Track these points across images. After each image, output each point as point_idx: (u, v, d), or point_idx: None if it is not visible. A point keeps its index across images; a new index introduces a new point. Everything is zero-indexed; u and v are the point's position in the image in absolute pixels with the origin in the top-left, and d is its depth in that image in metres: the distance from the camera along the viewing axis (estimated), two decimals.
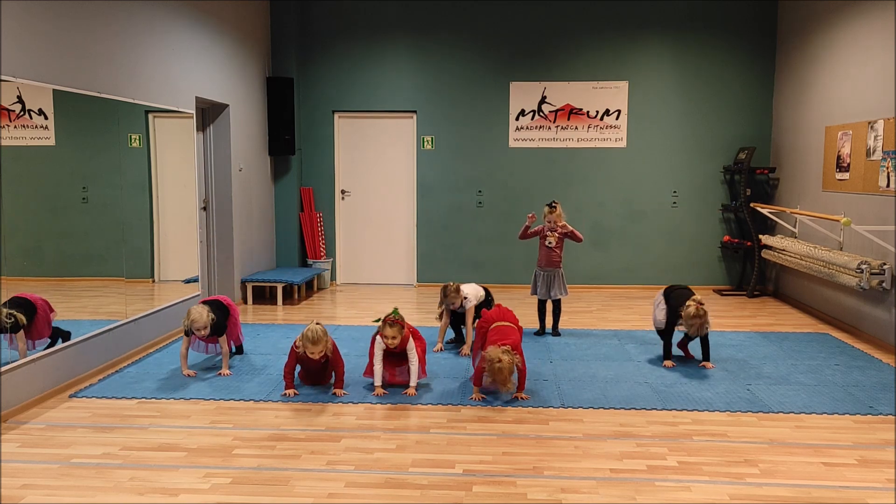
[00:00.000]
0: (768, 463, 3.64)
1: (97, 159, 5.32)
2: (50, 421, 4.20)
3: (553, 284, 6.16)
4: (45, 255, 4.79)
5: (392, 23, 8.50)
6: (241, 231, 7.55)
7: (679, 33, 8.33)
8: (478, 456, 3.72)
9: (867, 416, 4.30)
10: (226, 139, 7.25)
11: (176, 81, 6.21)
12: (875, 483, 3.43)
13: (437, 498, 3.27)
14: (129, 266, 5.62)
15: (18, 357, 4.36)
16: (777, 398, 4.60)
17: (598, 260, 8.63)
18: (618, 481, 3.44)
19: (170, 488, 3.34)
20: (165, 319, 6.05)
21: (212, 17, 6.89)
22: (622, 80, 8.43)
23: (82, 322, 5.08)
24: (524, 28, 8.42)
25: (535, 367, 5.18)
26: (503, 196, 8.61)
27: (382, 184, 8.86)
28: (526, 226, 6.18)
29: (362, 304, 7.74)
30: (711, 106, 8.40)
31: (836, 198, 6.68)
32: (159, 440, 3.91)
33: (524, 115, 8.52)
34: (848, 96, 6.59)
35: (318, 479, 3.45)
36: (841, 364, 5.39)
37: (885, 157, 5.85)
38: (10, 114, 4.29)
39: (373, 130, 8.79)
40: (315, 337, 4.48)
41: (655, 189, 8.50)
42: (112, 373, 5.13)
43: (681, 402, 4.54)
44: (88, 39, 4.94)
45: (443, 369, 5.21)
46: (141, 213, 5.89)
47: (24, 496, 3.26)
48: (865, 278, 5.77)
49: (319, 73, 8.60)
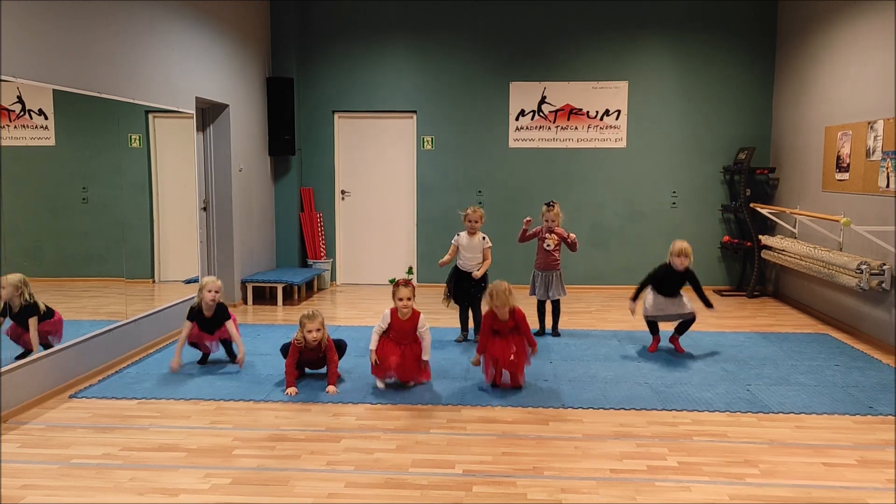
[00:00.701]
0: (768, 463, 3.64)
1: (97, 159, 5.32)
2: (50, 421, 4.20)
3: (551, 285, 6.17)
4: (45, 255, 4.79)
5: (392, 23, 8.50)
6: (241, 231, 7.55)
7: (679, 33, 8.33)
8: (478, 456, 3.72)
9: (867, 416, 4.30)
10: (226, 139, 7.25)
11: (176, 81, 6.21)
12: (875, 483, 3.43)
13: (437, 498, 3.27)
14: (130, 266, 5.62)
15: (24, 349, 4.38)
16: (777, 398, 4.60)
17: (597, 260, 8.63)
18: (618, 481, 3.44)
19: (170, 488, 3.34)
20: (165, 320, 6.05)
21: (212, 17, 6.89)
22: (622, 80, 8.43)
23: (82, 322, 5.08)
24: (524, 28, 8.42)
25: (535, 367, 5.18)
26: (503, 196, 8.61)
27: (382, 184, 8.86)
28: (523, 229, 6.19)
29: (362, 304, 7.74)
30: (711, 106, 8.41)
31: (836, 198, 6.68)
32: (159, 440, 3.91)
33: (524, 115, 8.52)
34: (848, 96, 6.60)
35: (318, 479, 3.45)
36: (841, 364, 5.39)
37: (885, 158, 5.85)
38: (10, 114, 4.29)
39: (373, 130, 8.79)
40: (312, 312, 4.69)
41: (655, 189, 8.50)
42: (112, 373, 5.13)
43: (681, 402, 4.54)
44: (88, 39, 4.94)
45: (442, 369, 5.21)
46: (141, 214, 5.89)
47: (24, 496, 3.26)
48: (865, 279, 5.77)
49: (319, 73, 8.60)
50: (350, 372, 5.13)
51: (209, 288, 5.12)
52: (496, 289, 4.65)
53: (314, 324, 4.66)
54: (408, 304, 4.65)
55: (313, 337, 4.66)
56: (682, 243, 5.61)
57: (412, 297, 4.67)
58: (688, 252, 5.57)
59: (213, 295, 5.11)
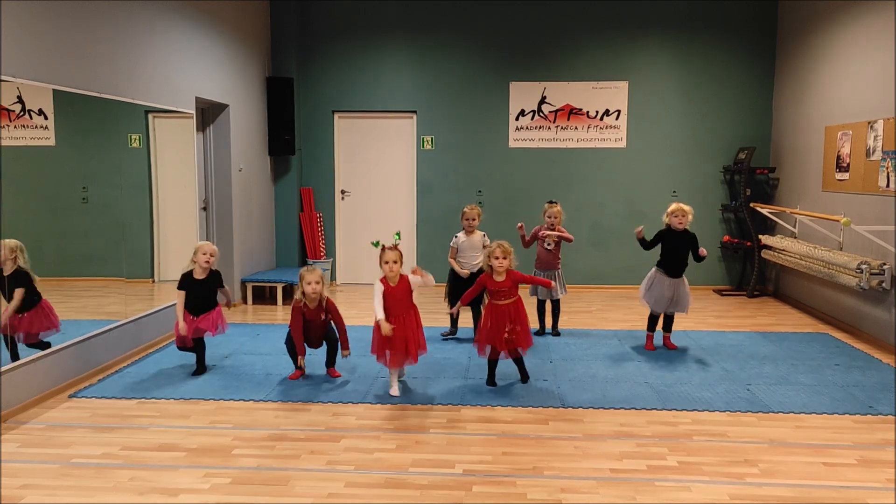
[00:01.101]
0: (768, 463, 3.64)
1: (97, 159, 5.32)
2: (50, 421, 4.20)
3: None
4: (44, 255, 4.79)
5: (392, 23, 8.50)
6: (241, 231, 7.55)
7: (679, 33, 8.33)
8: (478, 456, 3.72)
9: (867, 416, 4.30)
10: (226, 139, 7.25)
11: (176, 81, 6.21)
12: (875, 483, 3.43)
13: (437, 498, 3.27)
14: (129, 266, 5.62)
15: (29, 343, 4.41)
16: (777, 398, 4.60)
17: (597, 260, 8.63)
18: (618, 481, 3.44)
19: (170, 488, 3.34)
20: (165, 319, 6.04)
21: (212, 16, 6.89)
22: (622, 81, 8.43)
23: (82, 322, 5.08)
24: (524, 28, 8.42)
25: (535, 367, 5.18)
26: (503, 196, 8.61)
27: (382, 184, 8.85)
28: (521, 235, 6.16)
29: (362, 304, 7.73)
30: (711, 106, 8.40)
31: (836, 198, 6.68)
32: (159, 440, 3.91)
33: (524, 115, 8.52)
34: (848, 96, 6.60)
35: (318, 479, 3.45)
36: (841, 364, 5.39)
37: (885, 157, 5.85)
38: (10, 114, 4.29)
39: (373, 130, 8.79)
40: (311, 267, 4.76)
41: (655, 189, 8.49)
42: (112, 373, 5.13)
43: (681, 402, 4.54)
44: (88, 39, 4.94)
45: (442, 369, 5.21)
46: (141, 214, 5.90)
47: (23, 496, 3.26)
48: (865, 278, 5.77)
49: (319, 73, 8.60)
50: (352, 371, 5.13)
51: (204, 251, 4.98)
52: (496, 242, 4.72)
53: (314, 275, 4.68)
54: (394, 267, 4.57)
55: (313, 289, 4.66)
56: (678, 203, 5.67)
57: (398, 262, 4.60)
58: (684, 210, 5.55)
59: (208, 258, 4.97)
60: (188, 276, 5.00)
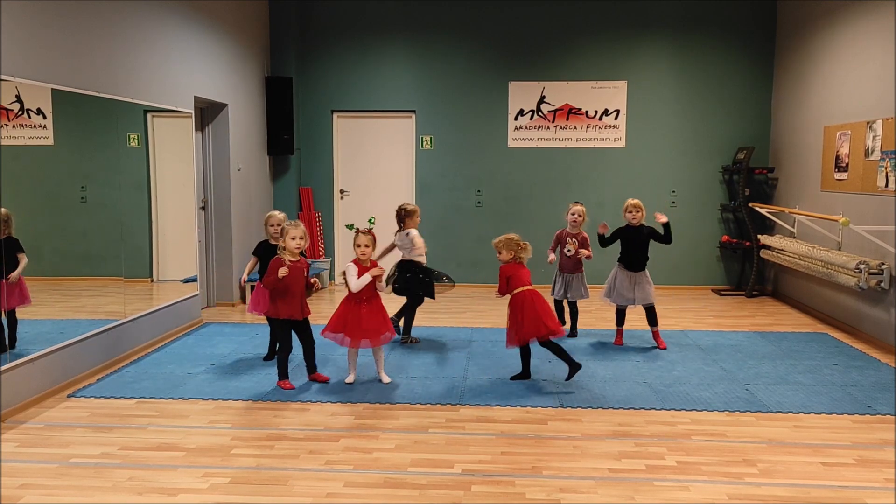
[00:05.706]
0: (767, 463, 3.64)
1: (96, 159, 5.32)
2: (48, 421, 4.19)
3: (571, 286, 6.18)
4: (43, 254, 4.79)
5: (392, 23, 8.49)
6: (240, 231, 7.54)
7: (678, 33, 8.33)
8: (476, 456, 3.72)
9: (866, 415, 4.31)
10: (224, 139, 7.25)
11: (175, 81, 6.21)
12: (874, 483, 3.43)
13: (436, 498, 3.27)
14: (128, 265, 5.62)
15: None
16: (776, 398, 4.60)
17: (597, 260, 8.59)
18: (616, 481, 3.44)
19: (168, 488, 3.34)
20: (164, 319, 6.04)
21: (211, 16, 6.88)
22: (621, 80, 8.43)
23: (81, 321, 5.08)
24: (523, 28, 8.42)
25: (534, 366, 5.17)
26: (502, 196, 8.61)
27: (381, 184, 8.85)
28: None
29: None
30: (710, 106, 8.41)
31: (835, 198, 6.68)
32: (158, 440, 3.91)
33: (523, 114, 8.52)
34: (847, 96, 6.60)
35: (317, 478, 3.45)
36: (839, 364, 5.39)
37: (884, 157, 5.85)
38: (8, 113, 4.28)
39: (372, 130, 8.78)
40: (296, 222, 4.76)
41: (654, 189, 8.49)
42: (110, 372, 5.12)
43: (679, 401, 4.54)
44: (87, 39, 4.94)
45: (442, 369, 5.21)
46: (139, 213, 5.89)
47: (22, 496, 3.26)
48: (864, 278, 5.77)
49: (318, 73, 8.59)
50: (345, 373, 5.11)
51: (272, 223, 5.15)
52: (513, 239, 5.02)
53: (298, 231, 4.69)
54: (366, 251, 4.75)
55: (296, 244, 4.67)
56: (631, 199, 5.91)
57: (370, 245, 4.77)
58: (639, 206, 5.82)
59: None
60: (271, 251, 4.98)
